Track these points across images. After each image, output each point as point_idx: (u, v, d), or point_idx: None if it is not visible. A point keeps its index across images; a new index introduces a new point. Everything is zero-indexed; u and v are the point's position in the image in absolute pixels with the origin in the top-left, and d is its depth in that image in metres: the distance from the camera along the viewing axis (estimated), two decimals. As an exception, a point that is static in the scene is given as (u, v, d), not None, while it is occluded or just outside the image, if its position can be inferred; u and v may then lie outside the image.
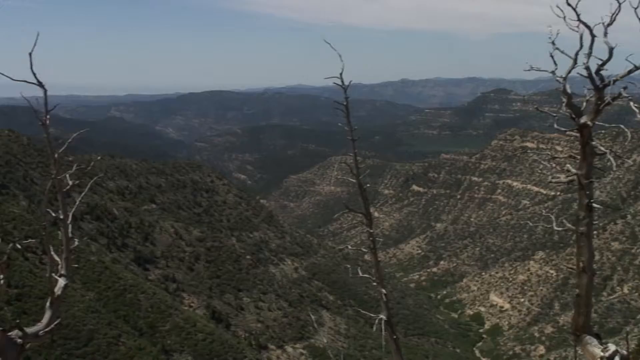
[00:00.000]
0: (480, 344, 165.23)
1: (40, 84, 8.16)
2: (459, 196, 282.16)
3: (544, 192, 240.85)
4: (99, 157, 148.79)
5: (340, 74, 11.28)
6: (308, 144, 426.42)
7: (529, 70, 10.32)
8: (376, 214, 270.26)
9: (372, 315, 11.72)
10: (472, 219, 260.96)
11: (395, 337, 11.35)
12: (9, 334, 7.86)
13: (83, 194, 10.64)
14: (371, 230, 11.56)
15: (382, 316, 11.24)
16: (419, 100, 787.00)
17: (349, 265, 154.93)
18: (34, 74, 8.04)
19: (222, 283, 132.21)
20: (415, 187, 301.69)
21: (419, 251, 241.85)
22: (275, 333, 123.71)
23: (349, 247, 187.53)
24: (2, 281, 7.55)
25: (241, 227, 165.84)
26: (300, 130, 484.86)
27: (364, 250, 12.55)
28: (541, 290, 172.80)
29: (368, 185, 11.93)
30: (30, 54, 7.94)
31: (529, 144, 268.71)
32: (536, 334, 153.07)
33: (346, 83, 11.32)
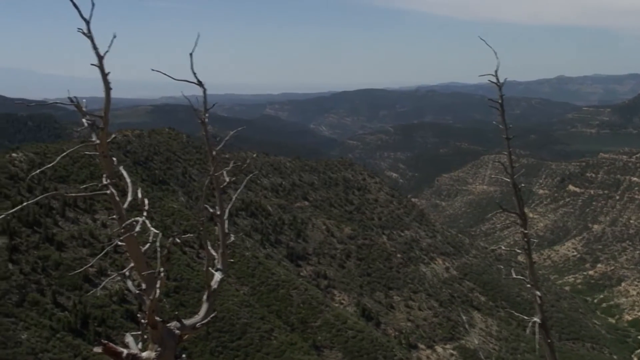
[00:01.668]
0: (639, 351, 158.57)
1: (200, 84, 8.38)
2: (617, 197, 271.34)
3: None
4: (254, 155, 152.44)
5: (495, 71, 11.06)
6: (461, 142, 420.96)
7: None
8: (530, 215, 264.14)
9: (526, 317, 11.45)
10: (631, 221, 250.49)
11: (549, 341, 11.03)
12: (168, 324, 8.11)
13: (239, 190, 10.87)
14: (525, 231, 11.28)
15: (536, 319, 10.95)
16: (577, 98, 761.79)
17: (501, 266, 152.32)
18: (194, 74, 8.26)
19: (372, 281, 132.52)
20: (571, 187, 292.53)
21: (575, 253, 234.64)
22: (426, 333, 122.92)
23: (502, 247, 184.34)
24: (162, 274, 7.81)
25: (392, 226, 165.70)
26: (452, 129, 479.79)
27: (518, 251, 12.24)
28: None
29: (522, 185, 11.61)
30: (190, 54, 8.17)
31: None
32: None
33: (501, 80, 11.09)
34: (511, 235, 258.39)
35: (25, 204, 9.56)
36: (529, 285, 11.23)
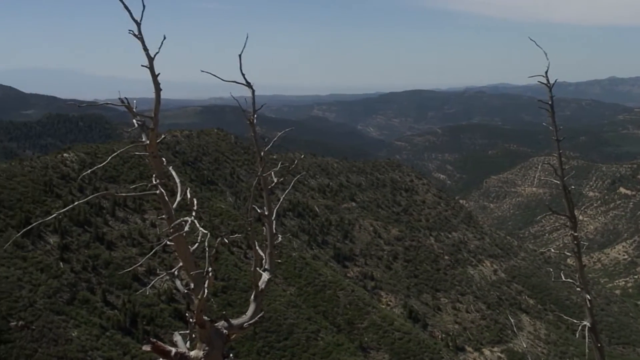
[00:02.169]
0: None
1: (248, 85, 8.42)
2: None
3: None
4: (302, 156, 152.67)
5: (545, 72, 10.96)
6: (509, 143, 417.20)
7: None
8: (580, 217, 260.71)
9: (575, 321, 11.32)
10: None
11: (599, 345, 10.89)
12: (216, 324, 8.16)
13: (287, 191, 10.91)
14: (575, 234, 11.15)
15: (586, 323, 10.82)
16: (628, 99, 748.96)
17: (550, 269, 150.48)
18: (243, 75, 8.30)
19: (419, 282, 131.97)
20: (622, 190, 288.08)
21: (626, 256, 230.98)
22: (473, 335, 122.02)
23: (552, 250, 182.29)
24: (211, 274, 7.86)
25: (440, 227, 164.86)
26: (501, 130, 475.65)
27: (567, 253, 12.17)
28: None
29: (572, 187, 11.51)
30: (239, 56, 8.21)
31: None
32: None
33: (551, 81, 10.98)
34: (560, 237, 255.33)
35: (76, 203, 9.68)
36: (578, 289, 11.11)
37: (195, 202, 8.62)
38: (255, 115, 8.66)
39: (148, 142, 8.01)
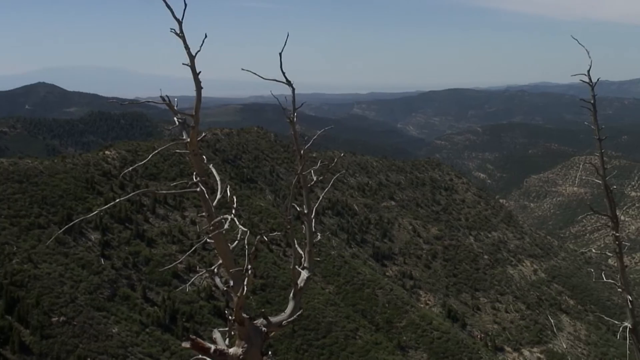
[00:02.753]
0: None
1: (288, 83, 8.42)
2: None
3: None
4: (342, 154, 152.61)
5: (588, 70, 10.85)
6: (550, 143, 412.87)
7: None
8: (622, 217, 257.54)
9: (616, 322, 11.21)
10: None
11: (641, 347, 10.74)
12: (255, 322, 8.18)
13: (326, 190, 10.90)
14: (617, 234, 11.02)
15: (627, 324, 10.69)
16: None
17: (591, 269, 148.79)
18: (284, 73, 8.31)
19: (458, 282, 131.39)
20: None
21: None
22: (512, 335, 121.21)
23: (592, 250, 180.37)
24: (250, 271, 7.88)
25: (479, 227, 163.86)
26: (542, 129, 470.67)
27: (608, 254, 12.06)
28: None
29: (614, 186, 11.36)
30: (280, 54, 8.22)
31: None
32: None
33: (593, 80, 10.86)
34: (602, 238, 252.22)
35: (117, 200, 9.77)
36: (619, 289, 10.99)
37: (235, 199, 8.65)
38: (295, 114, 8.66)
39: (189, 140, 8.06)
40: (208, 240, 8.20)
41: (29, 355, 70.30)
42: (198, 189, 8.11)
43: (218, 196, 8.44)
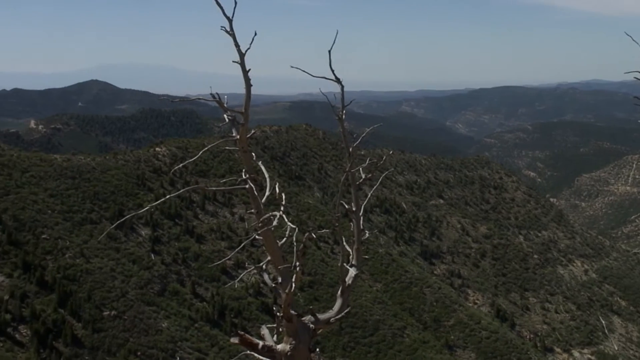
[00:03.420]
0: None
1: (337, 80, 8.43)
2: None
3: None
4: (390, 152, 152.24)
5: (642, 68, 10.66)
6: (602, 141, 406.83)
7: None
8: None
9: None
10: None
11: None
12: (303, 318, 8.22)
13: (374, 187, 10.90)
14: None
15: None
16: None
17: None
18: (333, 71, 8.32)
19: (507, 281, 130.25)
20: None
21: None
22: (562, 336, 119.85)
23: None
24: (298, 268, 7.92)
25: (529, 226, 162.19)
26: (594, 127, 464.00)
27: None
28: None
29: (669, 186, 11.15)
30: (329, 52, 8.23)
31: None
32: None
33: (648, 78, 10.66)
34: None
35: (168, 197, 9.88)
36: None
37: (283, 197, 8.70)
38: (344, 111, 8.68)
39: (238, 137, 8.12)
40: (257, 237, 8.26)
41: (80, 349, 71.37)
42: (247, 186, 8.17)
43: (267, 193, 8.49)
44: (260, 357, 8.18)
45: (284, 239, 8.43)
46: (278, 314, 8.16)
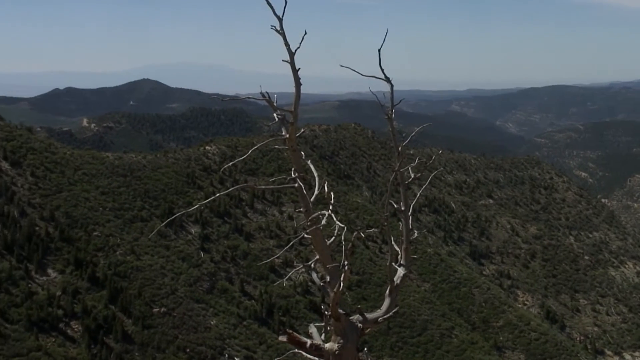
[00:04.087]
0: None
1: (387, 79, 8.41)
2: None
3: None
4: (439, 151, 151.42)
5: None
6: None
7: None
8: None
9: None
10: None
11: None
12: (351, 317, 8.22)
13: (424, 187, 10.86)
14: None
15: None
16: None
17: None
18: (382, 70, 8.30)
19: (558, 283, 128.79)
20: None
21: None
22: (613, 339, 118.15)
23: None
24: (346, 267, 7.92)
25: (580, 227, 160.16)
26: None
27: None
28: None
29: None
30: (379, 50, 8.22)
31: None
32: None
33: None
34: None
35: (217, 195, 9.94)
36: None
37: (332, 196, 8.71)
38: (393, 110, 8.66)
39: (287, 135, 8.15)
40: (305, 235, 8.28)
41: (130, 345, 72.25)
42: (296, 185, 8.20)
43: (316, 192, 8.51)
44: (308, 355, 8.20)
45: (333, 237, 8.44)
46: (326, 312, 8.17)
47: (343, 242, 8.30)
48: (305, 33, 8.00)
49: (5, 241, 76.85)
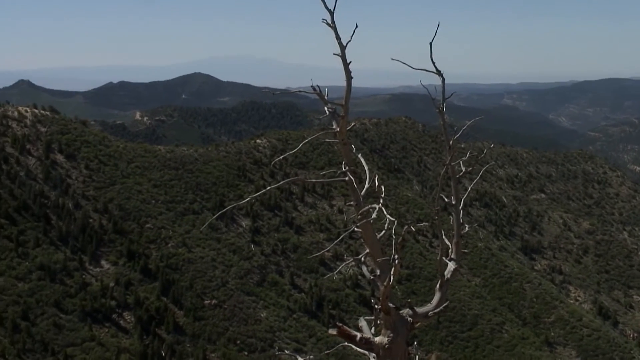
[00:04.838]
0: None
1: (438, 73, 8.36)
2: None
3: None
4: (491, 145, 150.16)
5: None
6: None
7: None
8: None
9: None
10: None
11: None
12: (401, 311, 8.21)
13: (475, 181, 10.79)
14: None
15: None
16: None
17: None
18: (434, 63, 8.26)
19: (610, 278, 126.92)
20: None
21: None
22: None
23: None
24: (397, 261, 7.91)
25: (634, 222, 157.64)
26: None
27: None
28: None
29: None
30: (430, 43, 8.18)
31: None
32: None
33: None
34: None
35: (268, 188, 10.01)
36: None
37: (382, 189, 8.70)
38: (445, 104, 8.61)
39: (338, 129, 8.16)
40: (355, 229, 8.29)
41: (182, 336, 73.10)
42: (347, 178, 8.21)
43: (366, 186, 8.51)
44: (358, 349, 8.22)
45: (383, 231, 8.44)
46: (376, 306, 8.17)
47: (393, 236, 8.29)
48: (357, 27, 8.00)
49: (60, 233, 78.26)
